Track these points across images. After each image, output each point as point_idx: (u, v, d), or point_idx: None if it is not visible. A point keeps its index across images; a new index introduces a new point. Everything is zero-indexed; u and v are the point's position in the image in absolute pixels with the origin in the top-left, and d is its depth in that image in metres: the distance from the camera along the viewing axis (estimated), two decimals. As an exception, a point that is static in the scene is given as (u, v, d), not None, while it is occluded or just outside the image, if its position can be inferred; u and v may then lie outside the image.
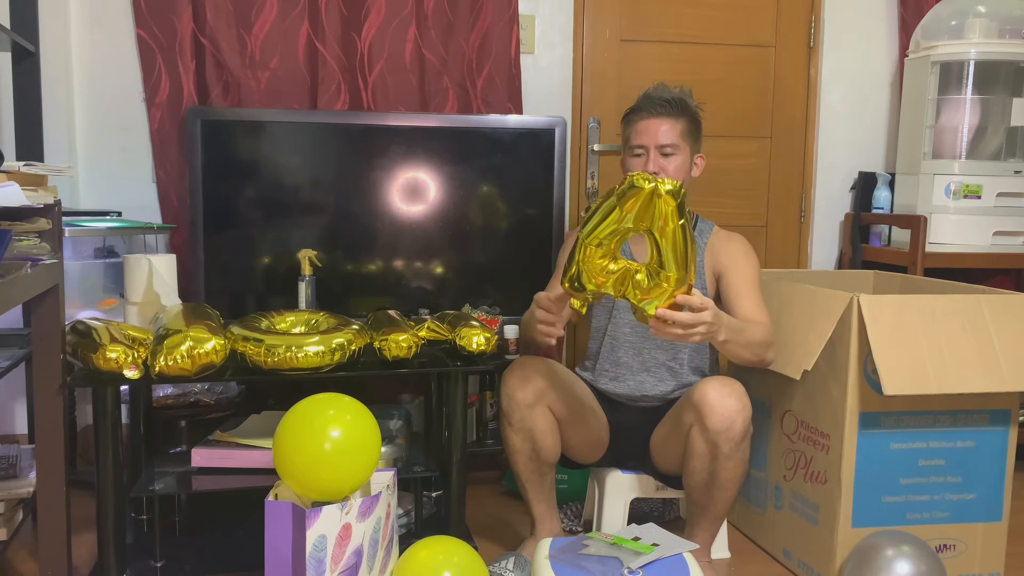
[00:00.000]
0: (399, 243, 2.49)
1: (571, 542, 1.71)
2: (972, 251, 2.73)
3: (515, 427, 1.91)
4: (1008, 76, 2.75)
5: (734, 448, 1.80)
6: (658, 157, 1.95)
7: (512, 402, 1.90)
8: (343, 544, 1.51)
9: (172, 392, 2.25)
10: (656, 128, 1.95)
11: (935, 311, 1.87)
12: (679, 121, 1.96)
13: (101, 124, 2.63)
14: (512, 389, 1.90)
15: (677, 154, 1.95)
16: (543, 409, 1.91)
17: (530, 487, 1.97)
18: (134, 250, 2.39)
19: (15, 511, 1.81)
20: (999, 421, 1.95)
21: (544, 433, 1.91)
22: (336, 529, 1.49)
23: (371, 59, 2.64)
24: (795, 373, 1.93)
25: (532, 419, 1.89)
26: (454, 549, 1.61)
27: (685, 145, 1.97)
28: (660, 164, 1.94)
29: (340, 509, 1.50)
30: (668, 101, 1.95)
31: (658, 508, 2.34)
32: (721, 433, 1.78)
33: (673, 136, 1.94)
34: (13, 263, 1.45)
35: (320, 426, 1.52)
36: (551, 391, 1.91)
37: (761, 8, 3.01)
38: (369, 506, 1.56)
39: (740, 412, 1.79)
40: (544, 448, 1.93)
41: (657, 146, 1.95)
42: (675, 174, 1.94)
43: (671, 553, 1.65)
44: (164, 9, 2.53)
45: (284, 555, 1.50)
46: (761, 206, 3.11)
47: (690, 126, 1.98)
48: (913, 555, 1.77)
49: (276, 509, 1.50)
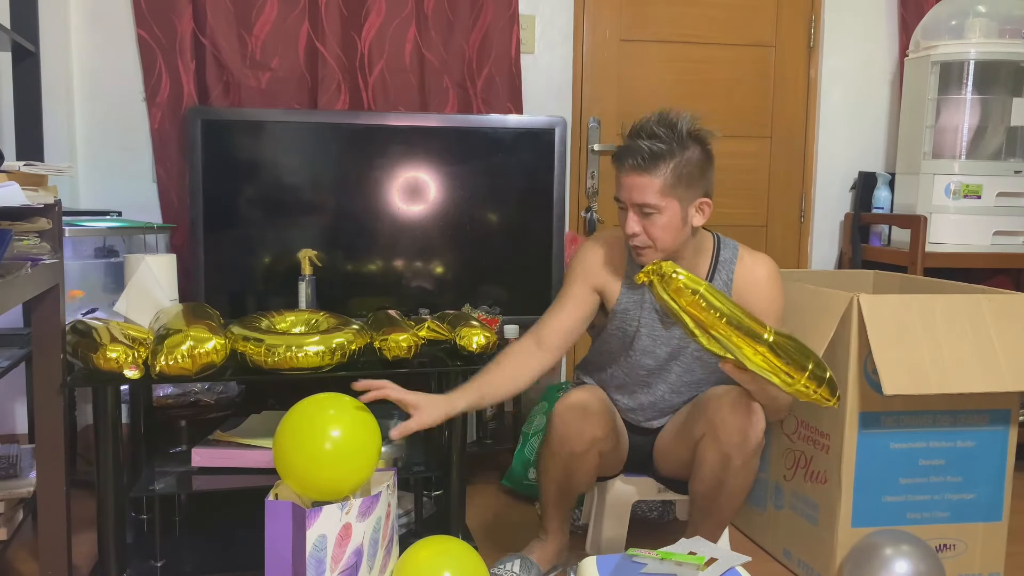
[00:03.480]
0: (399, 243, 2.49)
1: (619, 561, 1.67)
2: (972, 251, 2.73)
3: (558, 462, 1.82)
4: (1008, 76, 2.75)
5: (746, 461, 1.75)
6: (637, 216, 1.69)
7: (564, 446, 1.79)
8: (343, 544, 1.51)
9: (172, 392, 2.25)
10: (632, 184, 1.67)
11: (935, 311, 1.87)
12: (659, 175, 1.65)
13: (101, 124, 2.63)
14: (568, 439, 1.77)
15: (659, 213, 1.67)
16: (594, 454, 1.81)
17: (551, 506, 1.93)
18: (134, 250, 2.39)
19: (15, 511, 1.81)
20: (999, 421, 1.95)
21: (587, 474, 1.85)
22: (336, 529, 1.49)
23: (371, 59, 2.64)
24: None
25: (580, 463, 1.82)
26: (454, 549, 1.61)
27: (671, 200, 1.67)
28: (641, 224, 1.69)
29: (340, 509, 1.50)
30: (650, 151, 1.65)
31: (657, 509, 2.34)
32: (735, 447, 1.72)
33: (652, 195, 1.66)
34: (13, 263, 1.45)
35: (320, 426, 1.51)
36: (604, 439, 1.81)
37: (761, 8, 3.01)
38: (369, 506, 1.56)
39: (754, 427, 1.72)
40: (581, 484, 1.88)
41: (633, 204, 1.69)
42: (660, 235, 1.69)
43: (727, 566, 1.63)
44: (164, 9, 2.53)
45: (284, 555, 1.50)
46: (761, 206, 3.11)
47: (679, 175, 1.66)
48: (912, 554, 1.77)
49: (276, 509, 1.50)
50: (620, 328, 1.86)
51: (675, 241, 1.71)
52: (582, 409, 1.78)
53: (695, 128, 1.69)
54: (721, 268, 1.82)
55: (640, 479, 2.05)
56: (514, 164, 2.53)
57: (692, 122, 1.68)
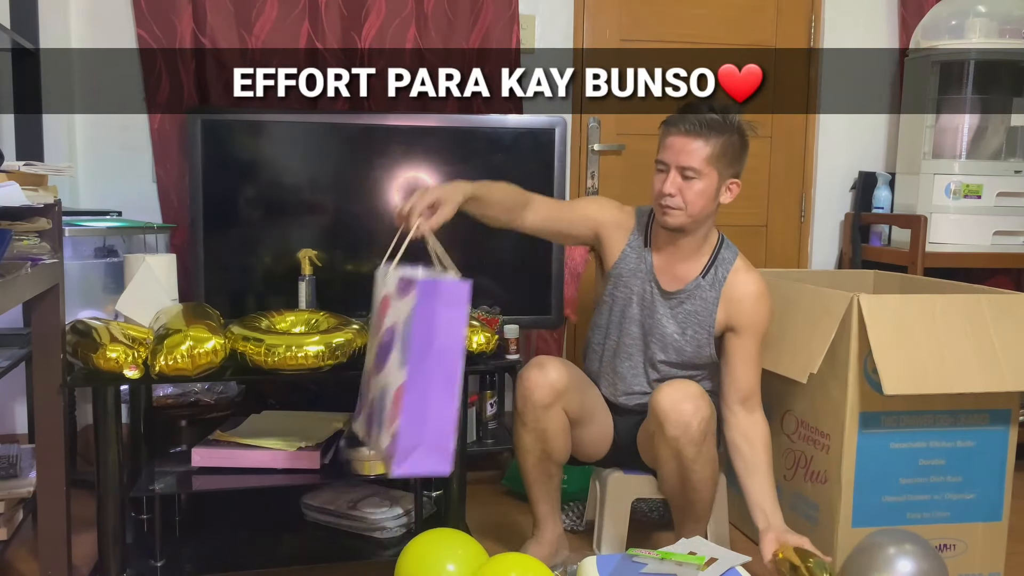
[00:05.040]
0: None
1: (620, 561, 1.68)
2: (972, 251, 2.73)
3: (528, 427, 1.88)
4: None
5: (696, 451, 1.78)
6: (677, 177, 1.81)
7: (527, 403, 1.86)
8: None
9: (172, 392, 2.25)
10: (682, 147, 1.80)
11: (935, 311, 1.87)
12: (709, 143, 1.80)
13: (101, 124, 2.63)
14: (528, 390, 1.85)
15: (699, 179, 1.81)
16: (558, 410, 1.87)
17: (536, 487, 1.95)
18: (134, 250, 2.39)
19: (15, 511, 1.81)
20: (999, 421, 1.95)
21: (557, 434, 1.89)
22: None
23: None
24: (801, 376, 1.92)
25: (547, 420, 1.86)
26: (457, 540, 1.64)
27: (712, 170, 1.81)
28: (678, 185, 1.81)
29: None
30: (705, 121, 1.80)
31: (658, 508, 2.34)
32: (680, 438, 1.77)
33: (698, 159, 1.80)
34: (13, 263, 1.45)
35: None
36: (567, 392, 1.87)
37: (761, 8, 3.01)
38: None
39: (694, 415, 1.76)
40: (556, 450, 1.91)
41: (678, 166, 1.81)
42: (694, 199, 1.81)
43: (728, 566, 1.64)
44: (164, 9, 2.53)
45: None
46: (761, 206, 3.11)
47: (724, 150, 1.81)
48: (915, 553, 1.77)
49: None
50: (612, 295, 1.96)
51: (704, 209, 1.84)
52: (538, 364, 1.87)
53: (740, 120, 1.87)
54: (719, 265, 1.91)
55: (641, 476, 2.05)
56: (514, 164, 2.52)
57: (737, 116, 1.86)
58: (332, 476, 1.92)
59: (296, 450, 1.90)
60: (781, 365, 1.98)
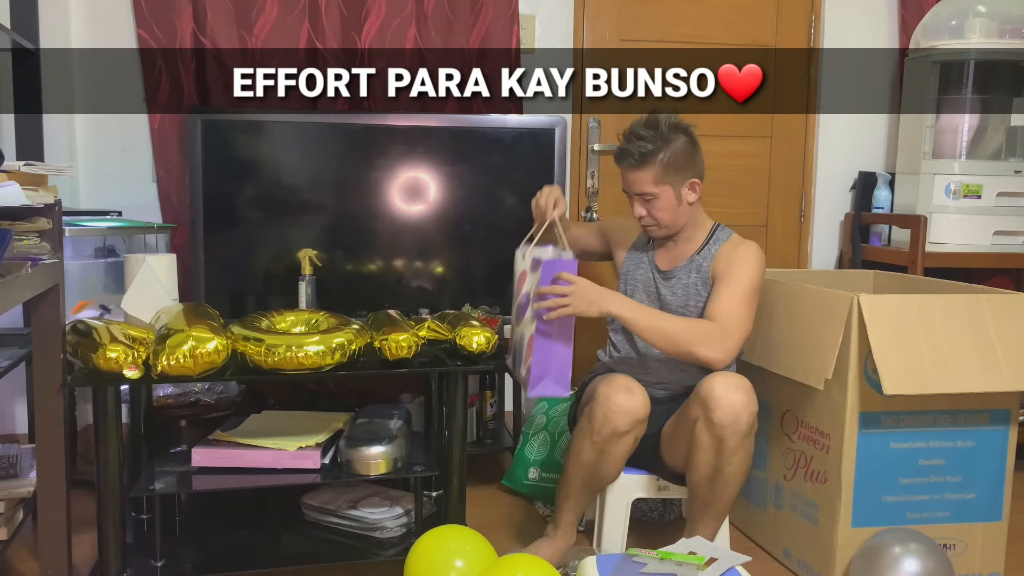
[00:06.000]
0: (399, 243, 2.49)
1: (619, 561, 1.68)
2: (972, 251, 2.73)
3: (597, 445, 1.88)
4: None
5: (739, 443, 1.80)
6: (641, 202, 1.97)
7: (608, 424, 1.85)
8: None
9: (172, 392, 2.25)
10: (631, 179, 1.96)
11: (935, 311, 1.87)
12: (650, 167, 1.92)
13: (101, 124, 2.63)
14: (613, 412, 1.84)
15: (657, 199, 1.95)
16: (632, 438, 1.88)
17: (573, 498, 1.98)
18: (134, 250, 2.39)
19: (15, 511, 1.81)
20: (999, 421, 1.95)
21: (620, 459, 1.91)
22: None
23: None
24: (817, 383, 1.91)
25: (619, 445, 1.88)
26: (466, 537, 1.66)
27: (664, 186, 1.94)
28: (646, 208, 1.97)
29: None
30: (639, 151, 1.92)
31: (658, 508, 2.34)
32: (727, 427, 1.79)
33: (648, 184, 1.93)
34: (13, 263, 1.45)
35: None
36: (643, 422, 1.88)
37: (761, 8, 3.01)
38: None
39: (746, 407, 1.80)
40: (610, 473, 1.94)
41: (635, 194, 1.97)
42: (661, 215, 1.96)
43: (727, 566, 1.64)
44: (164, 9, 2.53)
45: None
46: (761, 206, 3.11)
47: (667, 164, 1.93)
48: (921, 552, 1.77)
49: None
50: (623, 290, 2.08)
51: (675, 218, 1.98)
52: (627, 388, 1.87)
53: (675, 122, 1.95)
54: (711, 244, 2.03)
55: (641, 476, 2.05)
56: (514, 164, 2.53)
57: (672, 118, 1.95)
58: (332, 476, 1.92)
59: (296, 450, 1.90)
60: (796, 372, 1.98)
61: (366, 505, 2.05)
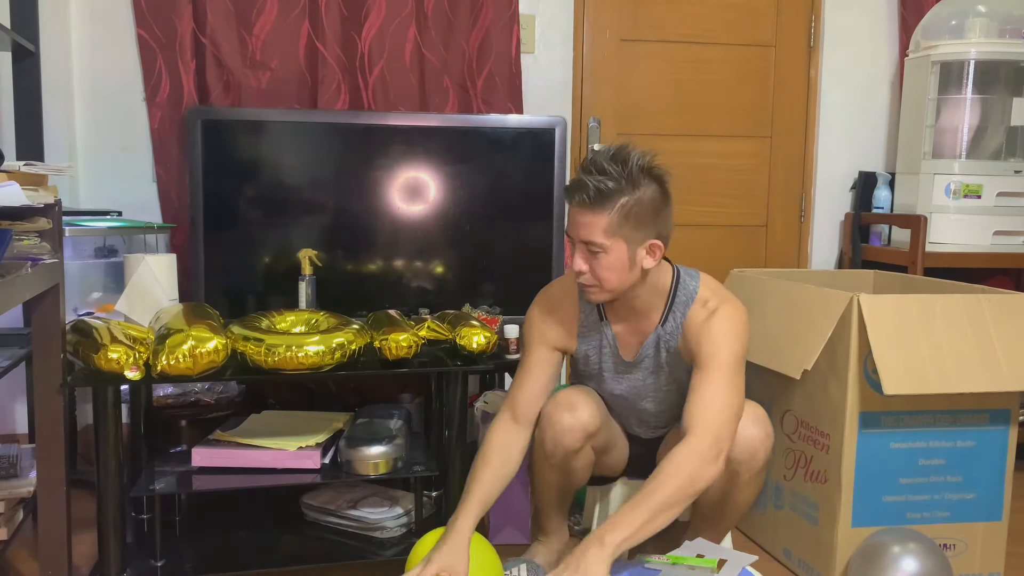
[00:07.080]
0: (399, 243, 2.49)
1: (631, 567, 1.68)
2: (972, 251, 2.73)
3: (556, 467, 1.79)
4: (1008, 76, 2.75)
5: (754, 476, 1.74)
6: (585, 254, 1.60)
7: (558, 446, 1.75)
8: None
9: (172, 392, 2.25)
10: (579, 220, 1.58)
11: (935, 311, 1.87)
12: (606, 212, 1.55)
13: (101, 124, 2.63)
14: (560, 434, 1.73)
15: (604, 253, 1.57)
16: (587, 450, 1.80)
17: (551, 507, 1.92)
18: (134, 250, 2.40)
19: (15, 511, 1.81)
20: (999, 421, 1.95)
21: (583, 470, 1.84)
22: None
23: (371, 59, 2.64)
24: (795, 373, 1.93)
25: (576, 460, 1.80)
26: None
27: (617, 240, 1.57)
28: (589, 263, 1.60)
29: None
30: (599, 188, 1.54)
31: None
32: (743, 463, 1.70)
33: (598, 233, 1.56)
34: (13, 263, 1.45)
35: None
36: (598, 431, 1.79)
37: (761, 8, 3.01)
38: None
39: (763, 442, 1.69)
40: (578, 481, 1.87)
41: (580, 241, 1.59)
42: (605, 275, 1.60)
43: (739, 567, 1.63)
44: (164, 9, 2.53)
45: None
46: (761, 206, 3.11)
47: (627, 214, 1.55)
48: (919, 552, 1.77)
49: None
50: (585, 369, 1.85)
51: (621, 282, 1.62)
52: (569, 405, 1.74)
53: (649, 165, 1.58)
54: (676, 307, 1.71)
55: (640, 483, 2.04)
56: (514, 164, 2.53)
57: (647, 159, 1.58)
58: (332, 476, 1.92)
59: (296, 450, 1.90)
60: (775, 361, 1.98)
61: (366, 505, 2.05)
